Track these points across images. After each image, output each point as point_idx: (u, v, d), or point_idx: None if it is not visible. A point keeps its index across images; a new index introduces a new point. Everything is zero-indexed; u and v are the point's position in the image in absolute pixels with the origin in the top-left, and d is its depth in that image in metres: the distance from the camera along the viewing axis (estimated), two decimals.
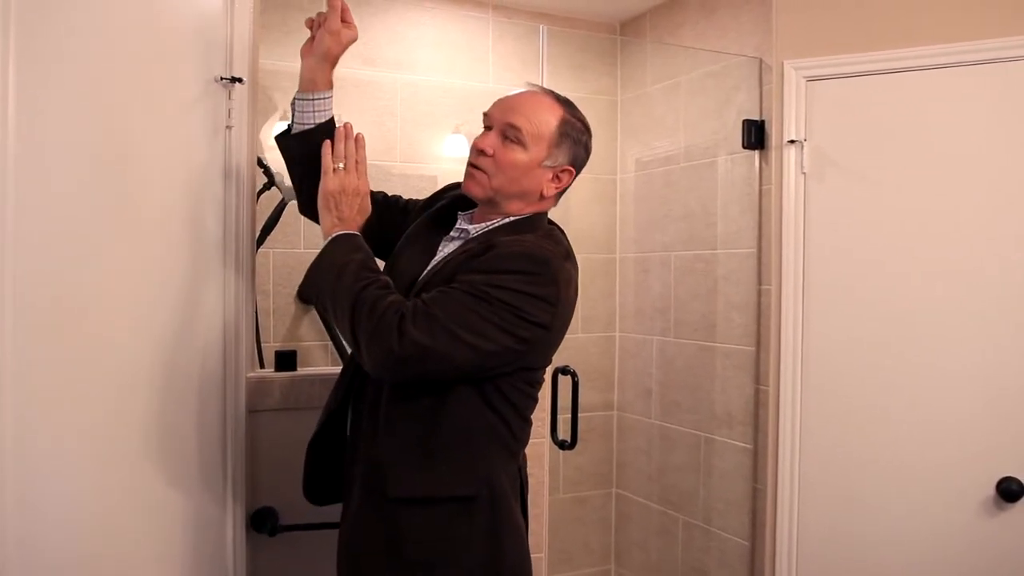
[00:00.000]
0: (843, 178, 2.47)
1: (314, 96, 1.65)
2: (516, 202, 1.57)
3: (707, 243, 2.96)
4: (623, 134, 3.42)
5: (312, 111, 1.65)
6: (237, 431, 1.86)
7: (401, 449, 1.49)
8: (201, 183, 1.75)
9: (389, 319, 1.35)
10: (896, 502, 2.39)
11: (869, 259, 2.43)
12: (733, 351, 2.83)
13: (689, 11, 3.04)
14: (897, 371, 2.39)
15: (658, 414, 3.21)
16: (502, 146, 1.53)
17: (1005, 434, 2.24)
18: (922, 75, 2.34)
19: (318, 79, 1.64)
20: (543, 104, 1.56)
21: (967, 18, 2.28)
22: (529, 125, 1.52)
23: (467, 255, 1.48)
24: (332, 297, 1.44)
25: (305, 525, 1.95)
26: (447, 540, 1.48)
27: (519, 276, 1.42)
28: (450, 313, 1.37)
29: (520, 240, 1.48)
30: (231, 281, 1.84)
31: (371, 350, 1.37)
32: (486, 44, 3.17)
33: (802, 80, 2.52)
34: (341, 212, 1.53)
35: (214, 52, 1.78)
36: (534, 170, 1.54)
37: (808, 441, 2.53)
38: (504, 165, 1.52)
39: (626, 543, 3.42)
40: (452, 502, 1.48)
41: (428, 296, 1.40)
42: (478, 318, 1.38)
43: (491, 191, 1.54)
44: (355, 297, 1.39)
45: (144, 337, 1.55)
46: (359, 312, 1.38)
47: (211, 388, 1.80)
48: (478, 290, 1.39)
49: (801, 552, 2.55)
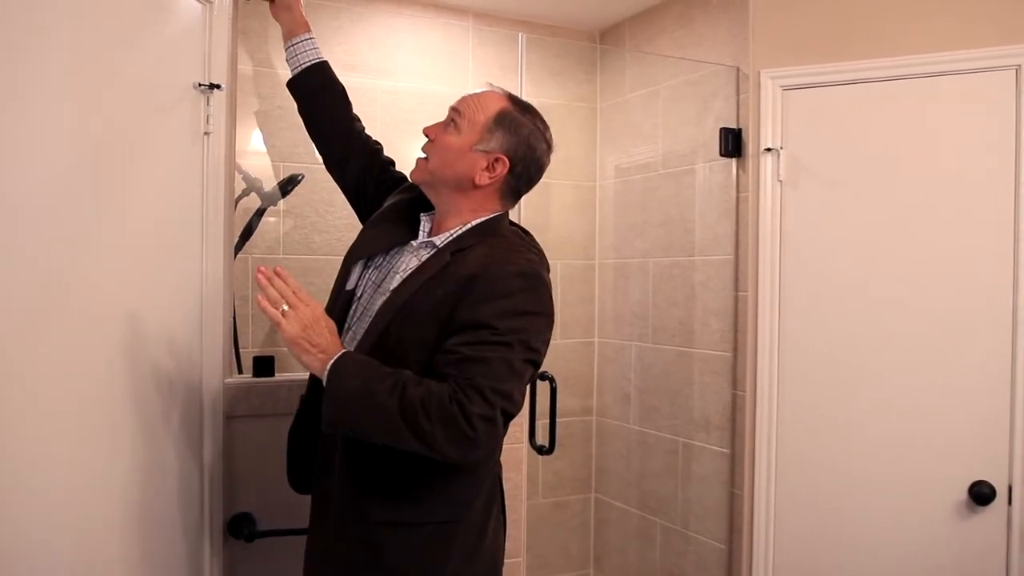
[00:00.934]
0: (818, 186, 2.50)
1: (294, 41, 1.88)
2: (453, 192, 1.59)
3: (685, 249, 2.99)
4: (602, 141, 3.44)
5: (296, 55, 1.88)
6: (214, 437, 1.86)
7: (384, 475, 1.51)
8: (179, 189, 1.75)
9: (451, 412, 1.36)
10: (871, 506, 2.42)
11: (844, 265, 2.46)
12: (710, 357, 2.85)
13: (667, 20, 3.06)
14: (871, 376, 2.42)
15: (636, 419, 3.23)
16: (443, 131, 1.59)
17: (977, 438, 2.27)
18: (895, 85, 2.38)
19: (293, 27, 1.88)
20: (490, 96, 1.61)
21: (940, 30, 2.31)
22: (467, 110, 1.58)
23: (450, 283, 1.49)
24: (374, 425, 1.41)
25: (282, 531, 1.95)
26: (427, 560, 1.52)
27: (520, 298, 1.46)
28: (490, 375, 1.39)
29: (499, 257, 1.50)
30: (209, 287, 1.84)
31: (450, 447, 1.38)
32: (466, 51, 3.18)
33: (778, 89, 2.55)
34: (318, 344, 1.44)
35: (192, 58, 1.79)
36: (466, 154, 1.56)
37: (784, 446, 2.56)
38: (439, 147, 1.58)
39: (605, 548, 3.43)
40: (433, 525, 1.53)
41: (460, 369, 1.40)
42: (508, 367, 1.42)
43: (428, 174, 1.60)
44: (400, 410, 1.37)
45: (120, 343, 1.54)
46: (414, 420, 1.37)
47: (188, 394, 1.80)
48: (497, 338, 1.42)
49: (778, 555, 2.57)
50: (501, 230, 1.61)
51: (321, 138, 1.91)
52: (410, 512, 1.52)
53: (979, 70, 2.27)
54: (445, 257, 1.53)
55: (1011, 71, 2.22)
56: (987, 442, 2.26)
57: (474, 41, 3.19)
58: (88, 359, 1.45)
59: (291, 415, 1.77)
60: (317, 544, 1.62)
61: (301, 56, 1.88)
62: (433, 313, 1.48)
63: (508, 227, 1.65)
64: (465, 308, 1.45)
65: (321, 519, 1.61)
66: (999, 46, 2.23)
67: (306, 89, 1.88)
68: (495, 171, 1.57)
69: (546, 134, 1.65)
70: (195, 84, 1.77)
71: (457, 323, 1.45)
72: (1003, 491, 2.23)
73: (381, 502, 1.52)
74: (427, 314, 1.48)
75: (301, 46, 1.88)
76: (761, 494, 2.59)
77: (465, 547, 1.55)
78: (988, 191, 2.26)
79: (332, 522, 1.57)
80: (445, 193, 1.60)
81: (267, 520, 1.95)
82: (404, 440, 1.39)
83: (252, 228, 2.70)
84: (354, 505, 1.53)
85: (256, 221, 2.70)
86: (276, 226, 2.83)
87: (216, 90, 1.81)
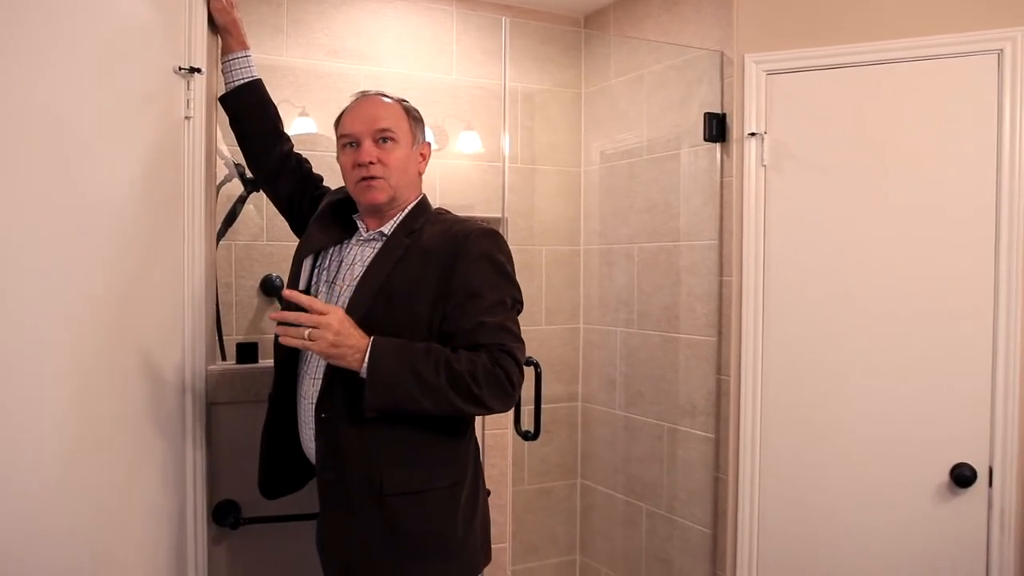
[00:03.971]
0: (802, 170, 2.51)
1: (230, 57, 1.93)
2: (408, 190, 1.76)
3: (670, 235, 2.99)
4: (587, 127, 3.44)
5: (232, 70, 1.93)
6: (198, 424, 1.86)
7: (395, 451, 1.63)
8: (160, 174, 1.74)
9: (497, 375, 1.58)
10: (855, 489, 2.43)
11: (827, 249, 2.47)
12: (695, 342, 2.86)
13: (652, 5, 3.06)
14: (854, 359, 2.43)
15: (622, 405, 3.24)
16: (383, 151, 1.71)
17: (959, 421, 2.29)
18: (878, 69, 2.38)
19: (231, 45, 1.94)
20: (388, 104, 1.76)
21: (922, 14, 2.32)
22: (392, 124, 1.72)
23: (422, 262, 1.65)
24: (424, 401, 1.56)
25: (267, 518, 1.94)
26: (437, 524, 1.65)
27: (495, 254, 1.66)
28: (509, 336, 1.63)
29: (457, 228, 1.69)
30: (191, 273, 1.83)
31: (497, 403, 1.60)
32: (450, 36, 3.16)
33: (762, 73, 2.55)
34: (351, 346, 1.54)
35: (173, 43, 1.77)
36: (411, 156, 1.75)
37: (768, 430, 2.57)
38: (394, 165, 1.71)
39: (591, 533, 3.45)
40: (440, 490, 1.66)
41: (489, 337, 1.61)
42: (515, 324, 1.67)
43: (393, 191, 1.72)
44: (451, 385, 1.55)
45: (102, 330, 1.53)
46: (467, 390, 1.56)
47: (172, 381, 1.79)
48: (498, 300, 1.64)
49: (762, 538, 2.59)
50: (432, 208, 1.81)
51: (252, 155, 2.00)
52: (420, 479, 1.63)
53: (962, 54, 2.27)
54: (402, 240, 1.69)
55: (993, 55, 2.23)
56: (968, 425, 2.28)
57: (458, 26, 3.17)
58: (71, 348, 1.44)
59: None
60: (332, 527, 1.68)
61: (236, 73, 1.93)
62: (415, 291, 1.63)
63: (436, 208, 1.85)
64: (459, 278, 1.62)
65: (332, 502, 1.67)
66: (981, 30, 2.24)
67: (239, 105, 1.94)
68: (426, 157, 1.81)
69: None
70: (175, 68, 1.76)
71: (456, 294, 1.62)
72: (984, 473, 2.26)
73: (393, 474, 1.62)
74: (409, 293, 1.62)
75: (238, 62, 1.93)
76: (745, 478, 2.60)
77: (466, 510, 1.69)
78: (970, 175, 2.27)
79: (345, 502, 1.64)
80: (402, 196, 1.75)
81: (252, 507, 1.95)
82: (454, 406, 1.56)
83: (235, 214, 2.69)
84: (368, 481, 1.62)
85: (239, 207, 2.69)
86: (259, 212, 2.82)
87: (197, 74, 1.80)
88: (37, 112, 1.35)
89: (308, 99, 2.90)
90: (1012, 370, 2.21)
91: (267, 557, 2.01)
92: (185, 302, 1.82)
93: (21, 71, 1.31)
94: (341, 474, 1.64)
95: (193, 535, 1.85)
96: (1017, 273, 2.19)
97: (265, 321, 2.85)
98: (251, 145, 1.98)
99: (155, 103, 1.71)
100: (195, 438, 1.85)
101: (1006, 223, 2.21)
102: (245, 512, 1.95)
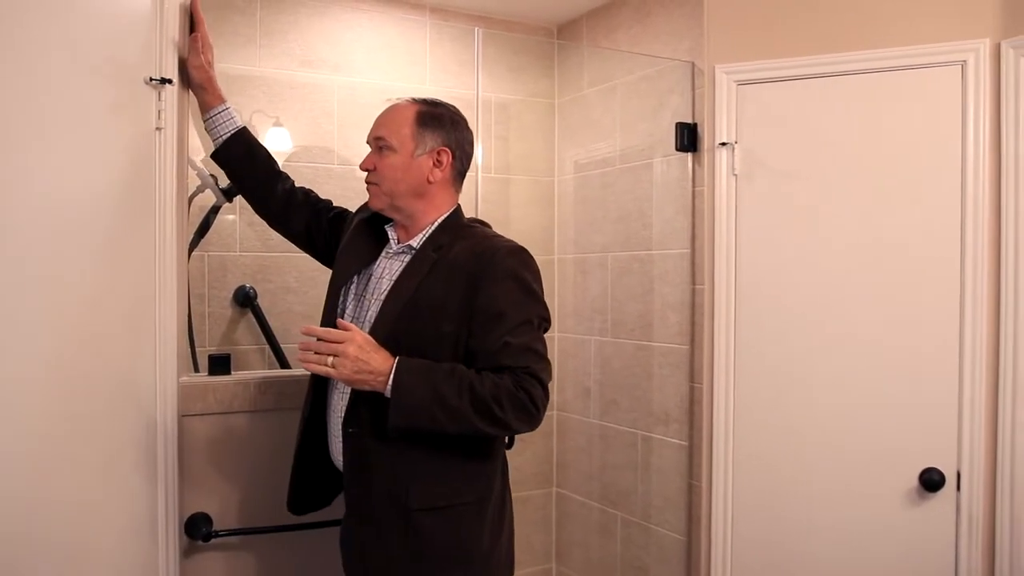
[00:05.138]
0: (772, 179, 2.53)
1: (212, 113, 1.94)
2: (414, 199, 1.74)
3: (643, 244, 3.01)
4: (560, 136, 3.45)
5: (216, 126, 1.94)
6: (169, 436, 1.84)
7: (421, 466, 1.65)
8: (130, 185, 1.73)
9: (520, 399, 1.58)
10: (826, 494, 2.46)
11: (797, 258, 2.50)
12: (669, 350, 2.88)
13: (624, 15, 3.08)
14: (824, 366, 2.46)
15: (597, 413, 3.25)
16: (379, 158, 1.73)
17: (927, 426, 2.32)
18: (846, 80, 2.42)
19: (208, 101, 1.94)
20: (398, 109, 1.76)
21: (889, 26, 2.35)
22: (389, 131, 1.73)
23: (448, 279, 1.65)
24: (447, 424, 1.57)
25: (240, 530, 1.93)
26: (464, 538, 1.67)
27: (523, 273, 1.67)
28: (535, 359, 1.63)
29: (486, 245, 1.68)
30: (162, 284, 1.82)
31: (521, 425, 1.60)
32: (423, 46, 3.17)
33: (733, 84, 2.58)
34: (373, 371, 1.55)
35: (143, 53, 1.76)
36: (411, 164, 1.72)
37: (741, 437, 2.59)
38: (385, 172, 1.72)
39: (567, 542, 3.45)
40: (466, 504, 1.68)
41: (514, 359, 1.60)
42: (542, 345, 1.68)
43: (387, 197, 1.73)
44: (473, 408, 1.56)
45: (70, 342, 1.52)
46: (489, 413, 1.56)
47: (142, 392, 1.78)
48: (525, 321, 1.64)
49: (736, 545, 2.61)
50: (465, 222, 1.79)
51: (257, 201, 2.02)
52: (446, 495, 1.66)
53: (927, 66, 2.31)
54: (430, 255, 1.69)
55: (957, 67, 2.27)
56: (937, 430, 2.31)
57: (431, 36, 3.18)
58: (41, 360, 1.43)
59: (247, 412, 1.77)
60: (360, 546, 1.70)
61: (221, 127, 1.95)
62: (441, 308, 1.64)
63: (467, 218, 1.83)
64: (485, 297, 1.62)
65: (359, 515, 1.70)
66: (946, 42, 2.28)
67: (231, 157, 1.97)
68: (443, 163, 1.75)
69: (458, 112, 1.82)
70: (146, 79, 1.75)
71: (481, 313, 1.62)
72: (952, 477, 2.29)
73: (420, 489, 1.64)
74: (435, 309, 1.64)
75: (220, 117, 1.95)
76: (719, 485, 2.62)
77: (493, 523, 1.71)
78: (937, 183, 2.30)
79: (371, 516, 1.67)
80: (405, 204, 1.74)
81: (224, 520, 1.94)
82: (477, 428, 1.57)
83: (209, 224, 2.68)
84: (394, 495, 1.64)
85: (212, 218, 2.67)
86: (233, 223, 2.81)
87: (168, 84, 1.79)
88: (3, 120, 1.34)
89: (282, 109, 2.90)
90: (978, 376, 2.24)
91: (239, 570, 1.99)
92: (156, 313, 1.81)
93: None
94: (367, 488, 1.67)
95: (165, 548, 1.83)
96: (983, 280, 2.23)
97: (237, 332, 2.84)
98: (253, 192, 2.02)
99: (125, 113, 1.71)
100: (167, 450, 1.84)
101: (971, 231, 2.24)
102: (217, 525, 1.94)
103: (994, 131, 2.22)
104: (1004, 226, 2.20)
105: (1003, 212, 2.20)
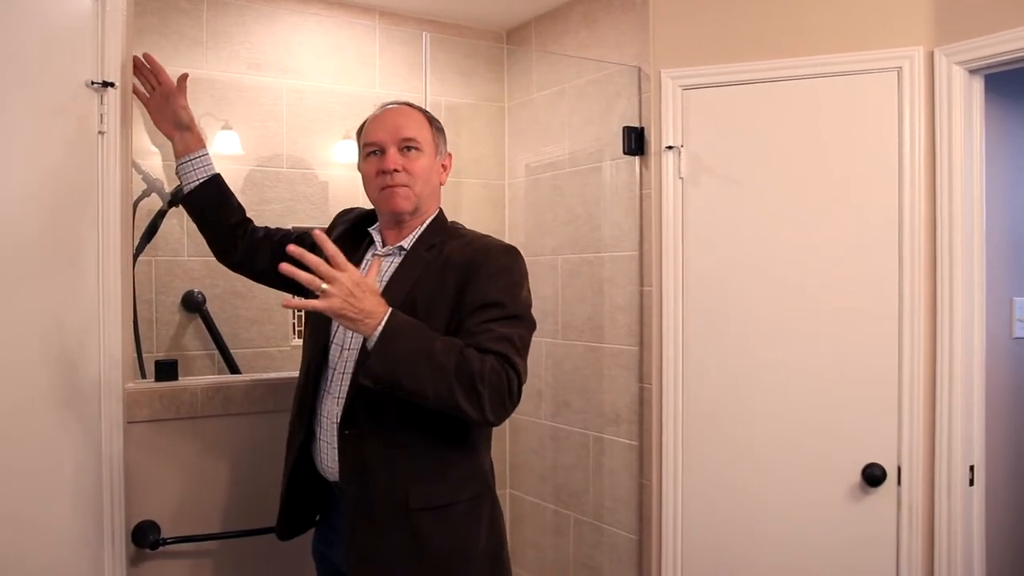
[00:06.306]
0: (717, 182, 2.58)
1: (190, 157, 1.95)
2: (429, 200, 1.78)
3: (592, 246, 3.04)
4: (511, 140, 3.47)
5: (193, 169, 1.95)
6: (114, 443, 1.82)
7: (418, 466, 1.66)
8: (72, 191, 1.71)
9: (503, 381, 1.55)
10: (773, 491, 2.51)
11: (740, 258, 2.54)
12: (619, 351, 2.91)
13: (572, 21, 3.11)
14: (769, 365, 2.51)
15: (548, 414, 3.27)
16: (407, 159, 1.73)
17: (868, 422, 2.38)
18: (786, 85, 2.47)
19: (189, 143, 1.95)
20: (412, 113, 1.79)
21: (829, 33, 2.41)
22: (418, 133, 1.75)
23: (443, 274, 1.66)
24: (426, 380, 1.51)
25: (188, 537, 1.92)
26: (463, 536, 1.68)
27: (515, 268, 1.70)
28: (520, 352, 1.61)
29: (478, 243, 1.72)
30: (106, 289, 1.79)
31: (492, 412, 1.55)
32: (373, 50, 3.17)
33: (678, 89, 2.62)
34: (363, 310, 1.48)
35: (84, 55, 1.74)
36: (434, 166, 1.78)
37: (690, 436, 2.63)
38: (419, 173, 1.73)
39: (521, 543, 3.47)
40: (464, 502, 1.69)
41: (501, 346, 1.58)
42: (525, 343, 1.65)
43: (416, 199, 1.74)
44: (457, 370, 1.51)
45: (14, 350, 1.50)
46: (469, 381, 1.51)
47: (87, 400, 1.75)
48: (513, 314, 1.63)
49: (686, 542, 2.64)
50: (450, 224, 1.83)
51: (223, 244, 2.00)
52: (444, 494, 1.66)
53: (865, 71, 2.38)
54: (422, 255, 1.71)
55: (893, 73, 2.33)
56: (878, 426, 2.37)
57: (381, 40, 3.18)
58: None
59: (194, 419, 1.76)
60: (360, 552, 1.67)
61: (200, 171, 1.96)
62: (438, 303, 1.64)
63: (450, 221, 1.86)
64: (475, 290, 1.63)
65: (357, 517, 1.67)
66: (883, 49, 2.34)
67: (204, 201, 1.96)
68: (447, 168, 1.85)
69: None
70: (87, 82, 1.73)
71: (470, 304, 1.62)
72: (893, 472, 2.35)
73: (419, 489, 1.64)
74: (432, 305, 1.64)
75: (201, 160, 1.96)
76: (669, 484, 2.66)
77: (489, 520, 1.73)
78: (875, 186, 2.37)
79: (370, 517, 1.65)
80: (424, 206, 1.77)
81: (172, 527, 1.92)
82: (452, 396, 1.51)
83: (155, 229, 2.65)
84: (393, 496, 1.63)
85: (159, 221, 2.64)
86: (180, 226, 2.78)
87: (110, 88, 1.77)
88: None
89: (230, 112, 2.88)
90: (916, 372, 2.31)
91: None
92: (100, 318, 1.78)
93: None
94: (366, 489, 1.66)
95: (111, 557, 1.81)
96: (919, 281, 2.30)
97: (186, 338, 2.81)
98: (216, 236, 1.99)
99: (65, 117, 1.68)
100: (112, 458, 1.81)
101: (908, 233, 2.31)
102: (165, 532, 1.92)
103: (929, 136, 2.29)
104: (939, 228, 2.27)
105: (938, 214, 2.27)
